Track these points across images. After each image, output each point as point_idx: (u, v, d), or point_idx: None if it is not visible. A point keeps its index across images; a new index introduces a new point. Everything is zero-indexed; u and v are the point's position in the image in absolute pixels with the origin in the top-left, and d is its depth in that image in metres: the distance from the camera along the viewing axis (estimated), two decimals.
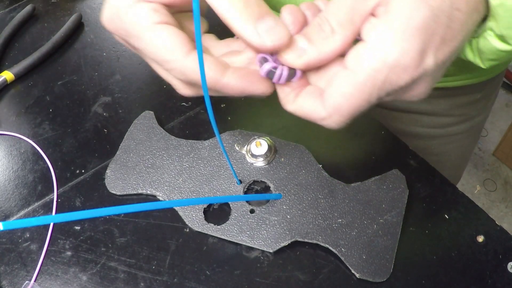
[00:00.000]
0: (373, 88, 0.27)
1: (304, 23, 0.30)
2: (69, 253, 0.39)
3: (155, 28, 0.30)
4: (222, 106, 0.48)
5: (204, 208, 0.40)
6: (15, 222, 0.22)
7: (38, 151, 0.45)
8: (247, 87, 0.30)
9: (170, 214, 0.41)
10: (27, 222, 0.22)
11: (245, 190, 0.41)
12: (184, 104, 0.48)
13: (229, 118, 0.47)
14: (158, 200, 0.41)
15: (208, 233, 0.39)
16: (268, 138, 0.43)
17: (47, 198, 0.42)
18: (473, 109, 0.61)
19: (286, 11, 0.29)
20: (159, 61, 0.31)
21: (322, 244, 0.38)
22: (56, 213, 0.41)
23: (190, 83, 0.32)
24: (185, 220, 0.40)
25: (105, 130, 0.47)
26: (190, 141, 0.44)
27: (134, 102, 0.49)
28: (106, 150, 0.45)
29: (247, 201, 0.40)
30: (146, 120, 0.46)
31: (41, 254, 0.39)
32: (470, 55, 0.35)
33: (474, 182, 1.56)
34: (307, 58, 0.28)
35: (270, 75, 0.29)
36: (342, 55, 0.29)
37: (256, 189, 0.42)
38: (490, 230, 0.40)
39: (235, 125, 0.46)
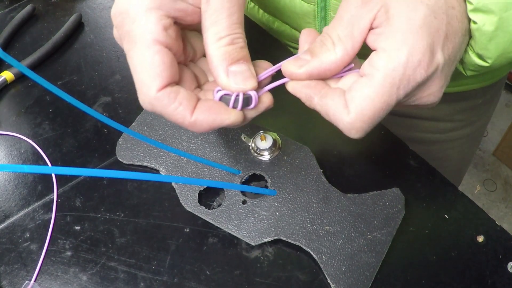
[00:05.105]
0: (392, 88, 0.28)
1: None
2: (69, 253, 0.39)
3: (147, 47, 0.29)
4: None
5: (200, 191, 0.41)
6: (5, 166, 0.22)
7: (38, 151, 0.45)
8: (215, 119, 0.30)
9: (170, 214, 0.41)
10: (20, 168, 0.22)
11: (243, 180, 0.42)
12: None
13: None
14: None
15: (198, 215, 0.40)
16: (275, 134, 0.44)
17: (47, 198, 0.42)
18: (475, 114, 0.61)
19: (304, 34, 0.33)
20: (136, 83, 0.30)
21: (304, 247, 0.38)
22: (56, 213, 0.41)
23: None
24: (180, 198, 0.41)
25: (105, 130, 0.47)
26: None
27: (134, 102, 0.49)
28: (106, 150, 0.45)
29: (241, 192, 0.41)
30: None
31: (41, 254, 0.39)
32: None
33: (474, 182, 1.56)
34: (309, 67, 0.31)
35: (224, 100, 0.30)
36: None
37: (253, 181, 0.42)
38: (490, 230, 0.40)
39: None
